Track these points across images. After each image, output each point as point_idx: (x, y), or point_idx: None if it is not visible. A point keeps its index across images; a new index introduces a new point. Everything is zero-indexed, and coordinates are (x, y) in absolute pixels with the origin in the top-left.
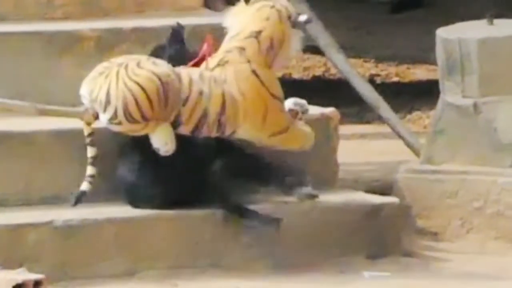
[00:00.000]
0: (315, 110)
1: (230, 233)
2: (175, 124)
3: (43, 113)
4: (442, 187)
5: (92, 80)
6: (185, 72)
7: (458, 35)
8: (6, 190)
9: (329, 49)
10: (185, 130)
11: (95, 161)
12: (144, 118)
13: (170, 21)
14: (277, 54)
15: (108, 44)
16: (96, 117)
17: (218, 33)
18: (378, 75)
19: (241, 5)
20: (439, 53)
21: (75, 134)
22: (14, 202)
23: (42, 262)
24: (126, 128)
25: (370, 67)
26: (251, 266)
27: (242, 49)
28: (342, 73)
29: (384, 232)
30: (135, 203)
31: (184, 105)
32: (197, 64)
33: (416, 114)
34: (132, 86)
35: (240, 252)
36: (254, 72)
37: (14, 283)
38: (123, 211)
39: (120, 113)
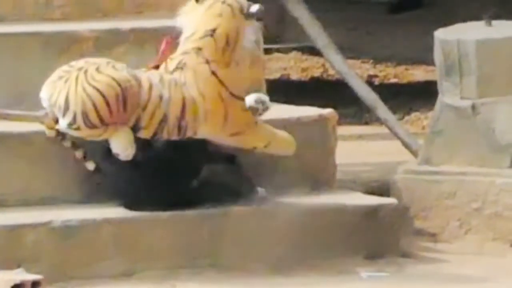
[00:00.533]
0: (313, 111)
1: (228, 233)
2: (134, 129)
3: (3, 117)
4: (440, 188)
5: (52, 84)
6: (145, 76)
7: (456, 36)
8: (5, 191)
9: (327, 50)
10: (144, 134)
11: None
12: (103, 123)
13: (168, 22)
14: (234, 50)
15: (106, 45)
16: (56, 121)
17: None
18: (376, 76)
19: (191, 3)
20: (437, 54)
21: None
22: (13, 202)
23: (40, 263)
24: (85, 133)
25: (368, 68)
26: (249, 266)
27: (199, 50)
28: (340, 74)
29: (382, 232)
30: (126, 206)
31: (143, 109)
32: (157, 66)
33: (414, 115)
34: (91, 91)
35: (238, 253)
36: (213, 73)
37: (12, 284)
38: (121, 211)
39: (79, 118)
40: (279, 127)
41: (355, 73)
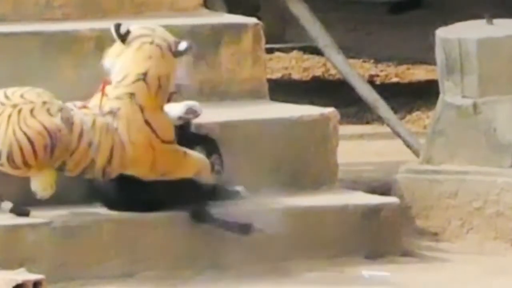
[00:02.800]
0: (314, 111)
1: (228, 234)
2: (59, 169)
3: None
4: (441, 187)
5: None
6: (79, 119)
7: (457, 35)
8: (5, 190)
9: (328, 50)
10: (69, 174)
11: None
12: (27, 165)
13: (169, 22)
14: (166, 91)
15: (107, 45)
16: None
17: (217, 34)
18: (378, 75)
19: (118, 45)
20: (439, 53)
21: None
22: (13, 202)
23: (41, 263)
24: (8, 170)
25: (369, 68)
26: (250, 267)
27: (132, 95)
28: (342, 74)
29: (384, 232)
30: (108, 207)
31: (70, 155)
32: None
33: (415, 114)
34: (20, 136)
35: (238, 254)
36: (146, 122)
37: (14, 284)
38: (122, 212)
39: (3, 157)
40: (281, 127)
41: (356, 72)
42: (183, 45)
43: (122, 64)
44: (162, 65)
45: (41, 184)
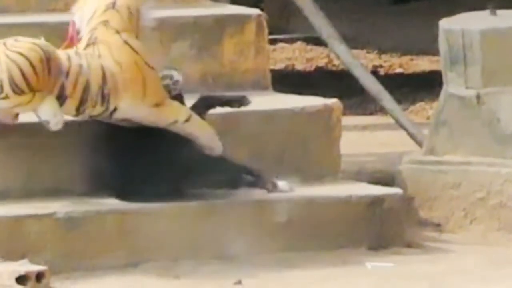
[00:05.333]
0: (318, 101)
1: (232, 225)
2: (60, 99)
3: None
4: (445, 178)
5: None
6: (62, 51)
7: (461, 26)
8: (8, 182)
9: (332, 40)
10: (71, 104)
11: None
12: (30, 88)
13: (172, 13)
14: (138, 21)
15: None
16: None
17: (221, 25)
18: (381, 66)
19: None
20: (442, 44)
21: (77, 126)
22: (16, 193)
23: (44, 254)
24: (14, 101)
25: (373, 58)
26: (253, 258)
27: (106, 22)
28: (345, 64)
29: (387, 223)
30: (120, 197)
31: (66, 77)
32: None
33: (419, 105)
34: (15, 56)
35: (242, 244)
36: (126, 42)
37: (16, 275)
38: (125, 202)
39: (6, 85)
40: (284, 117)
41: (360, 63)
42: None
43: (89, 5)
44: None
45: (49, 109)
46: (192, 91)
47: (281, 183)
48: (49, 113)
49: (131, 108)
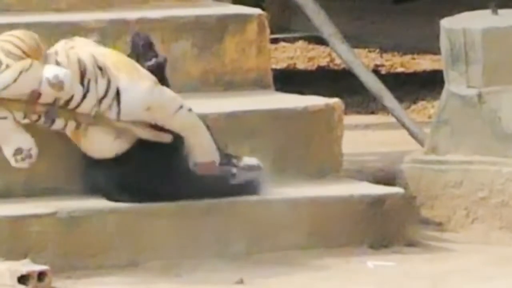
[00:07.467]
0: (319, 100)
1: (234, 224)
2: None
3: None
4: (446, 177)
5: None
6: None
7: (462, 25)
8: (9, 181)
9: (333, 39)
10: (73, 75)
11: None
12: (25, 54)
13: (173, 12)
14: None
15: (112, 35)
16: None
17: (222, 24)
18: (383, 65)
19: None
20: (443, 43)
21: None
22: (18, 193)
23: (45, 253)
24: (17, 68)
25: (374, 57)
26: (255, 257)
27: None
28: (347, 64)
29: (388, 222)
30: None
31: (56, 54)
32: None
33: (420, 104)
34: (5, 38)
35: (244, 243)
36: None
37: (18, 274)
38: (125, 203)
39: (3, 57)
40: (285, 117)
41: (361, 62)
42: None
43: None
44: None
45: (55, 67)
46: (194, 90)
47: (248, 159)
48: (55, 69)
49: (131, 86)
